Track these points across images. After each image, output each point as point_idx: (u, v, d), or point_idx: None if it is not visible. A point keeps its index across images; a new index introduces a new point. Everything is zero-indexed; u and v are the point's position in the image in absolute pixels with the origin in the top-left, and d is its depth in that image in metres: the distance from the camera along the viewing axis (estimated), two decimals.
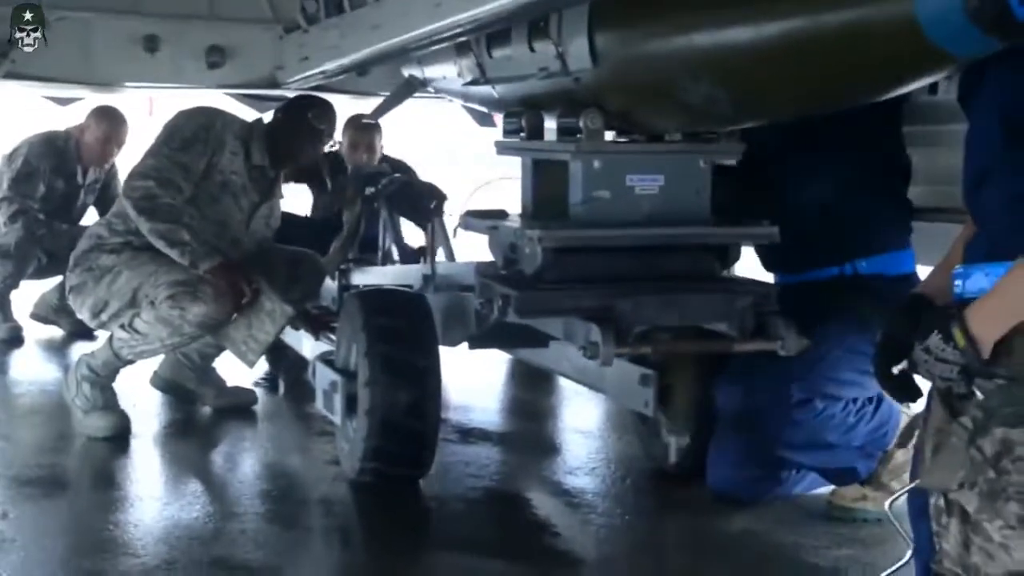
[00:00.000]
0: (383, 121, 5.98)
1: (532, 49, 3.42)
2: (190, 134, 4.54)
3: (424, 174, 6.02)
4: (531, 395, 5.44)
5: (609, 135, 3.36)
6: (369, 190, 5.22)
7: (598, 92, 3.23)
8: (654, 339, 3.41)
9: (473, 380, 5.41)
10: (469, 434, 4.73)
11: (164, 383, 5.03)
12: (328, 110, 4.82)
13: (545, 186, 3.52)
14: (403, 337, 3.80)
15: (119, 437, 4.52)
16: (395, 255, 5.26)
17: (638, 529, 3.74)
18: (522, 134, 3.56)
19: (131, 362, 4.57)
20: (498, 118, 4.10)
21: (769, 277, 3.96)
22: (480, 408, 5.19)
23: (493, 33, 3.67)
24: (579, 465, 4.33)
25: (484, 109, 5.01)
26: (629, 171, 3.28)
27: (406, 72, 4.78)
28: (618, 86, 3.18)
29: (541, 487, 4.16)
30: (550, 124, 3.46)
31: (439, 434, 3.91)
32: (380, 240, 5.28)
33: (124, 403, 4.67)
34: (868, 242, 3.65)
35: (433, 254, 4.77)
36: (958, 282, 2.09)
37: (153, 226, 4.38)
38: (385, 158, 6.10)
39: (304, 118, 4.72)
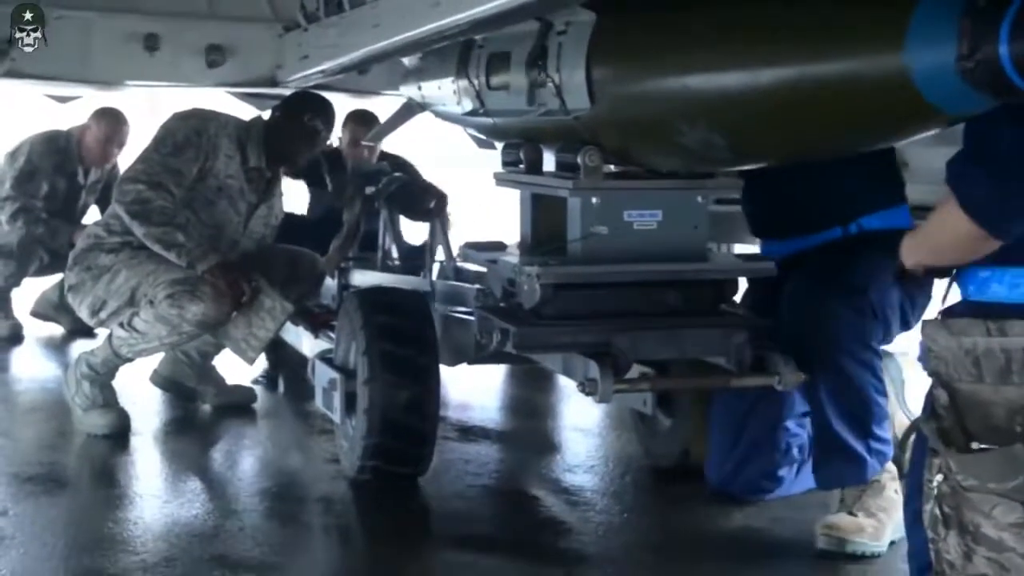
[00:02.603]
0: (380, 114, 5.98)
1: (531, 86, 3.44)
2: (182, 138, 4.53)
3: (427, 174, 6.03)
4: (530, 393, 5.45)
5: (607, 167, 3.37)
6: (369, 189, 5.22)
7: (596, 131, 3.25)
8: (652, 374, 3.46)
9: (472, 378, 5.41)
10: (468, 432, 4.74)
11: (164, 381, 5.04)
12: (325, 109, 4.82)
13: (544, 220, 3.54)
14: (402, 335, 3.81)
15: (119, 435, 4.52)
16: (395, 254, 5.27)
17: (637, 526, 3.75)
18: (521, 166, 3.57)
19: (130, 360, 4.58)
20: (497, 144, 4.11)
21: (757, 245, 3.91)
22: (479, 406, 5.20)
23: (492, 66, 3.70)
24: (578, 463, 4.34)
25: (483, 137, 5.03)
26: (627, 207, 3.29)
27: (405, 96, 4.81)
28: (616, 127, 3.20)
29: (540, 485, 4.17)
30: (549, 155, 3.47)
31: (438, 432, 3.92)
32: (380, 239, 5.28)
33: (124, 401, 4.68)
34: (869, 199, 3.59)
35: (433, 256, 4.79)
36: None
37: (148, 230, 4.38)
38: (384, 155, 6.09)
39: (300, 118, 4.72)
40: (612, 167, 3.40)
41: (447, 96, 4.16)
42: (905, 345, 3.69)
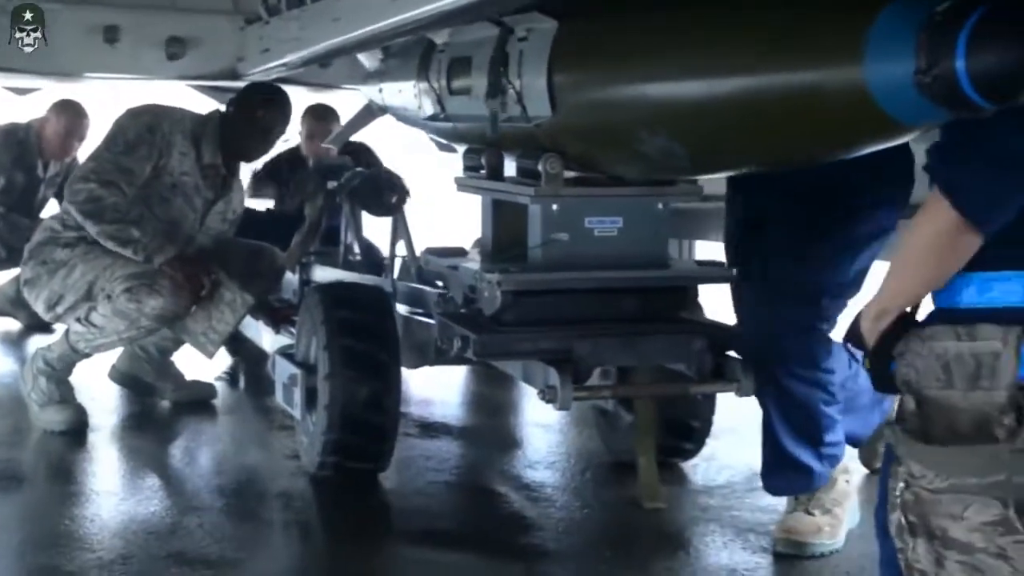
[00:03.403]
0: (341, 108, 5.96)
1: (492, 94, 3.43)
2: (134, 136, 4.49)
3: (385, 160, 6.00)
4: (492, 389, 5.43)
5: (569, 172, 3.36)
6: (331, 184, 5.20)
7: (557, 138, 3.26)
8: (612, 373, 3.46)
9: (434, 374, 5.40)
10: (429, 428, 4.73)
11: (122, 376, 5.00)
12: (279, 105, 4.77)
13: (504, 226, 3.54)
14: (363, 331, 3.80)
15: (76, 431, 4.49)
16: (356, 249, 5.24)
17: (597, 522, 3.76)
18: (482, 171, 3.56)
19: (88, 355, 4.54)
20: (458, 148, 4.10)
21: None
22: (440, 402, 5.19)
23: (453, 71, 3.69)
24: (539, 459, 4.34)
25: (444, 141, 5.02)
26: (588, 213, 3.30)
27: (366, 98, 4.78)
28: (577, 134, 3.21)
29: (501, 481, 4.16)
30: (510, 161, 3.46)
31: (399, 428, 3.91)
32: (342, 234, 5.26)
33: (81, 396, 4.64)
34: None
35: (394, 251, 4.78)
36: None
37: (101, 228, 4.35)
38: (347, 143, 6.02)
39: (254, 115, 4.68)
40: (573, 173, 3.40)
41: (408, 100, 4.16)
42: None
